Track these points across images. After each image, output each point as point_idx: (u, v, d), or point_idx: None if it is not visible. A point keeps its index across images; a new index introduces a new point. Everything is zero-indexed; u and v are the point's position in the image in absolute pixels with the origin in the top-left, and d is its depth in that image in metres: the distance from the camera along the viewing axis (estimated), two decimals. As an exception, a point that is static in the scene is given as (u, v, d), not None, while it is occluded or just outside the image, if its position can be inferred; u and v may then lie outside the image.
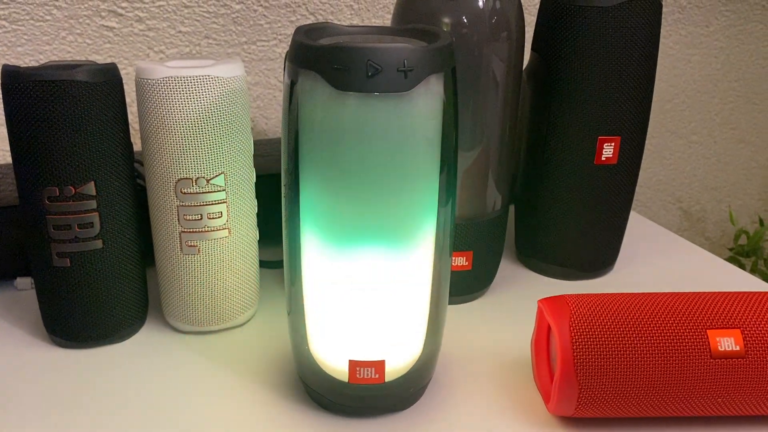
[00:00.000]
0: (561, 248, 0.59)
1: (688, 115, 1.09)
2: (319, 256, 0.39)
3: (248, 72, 0.78)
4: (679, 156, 1.11)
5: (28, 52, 0.69)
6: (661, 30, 0.69)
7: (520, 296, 0.57)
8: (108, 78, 0.44)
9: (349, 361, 0.40)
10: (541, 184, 0.58)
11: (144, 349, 0.49)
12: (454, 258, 0.53)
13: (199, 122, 0.45)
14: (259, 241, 0.52)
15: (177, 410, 0.43)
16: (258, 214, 0.51)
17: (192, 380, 0.45)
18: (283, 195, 0.40)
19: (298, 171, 0.38)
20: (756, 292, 0.42)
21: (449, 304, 0.55)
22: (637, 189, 1.10)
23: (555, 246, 0.59)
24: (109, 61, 0.69)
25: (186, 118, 0.44)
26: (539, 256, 0.60)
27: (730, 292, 0.42)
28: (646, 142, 1.08)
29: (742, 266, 1.07)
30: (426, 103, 0.36)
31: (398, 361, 0.41)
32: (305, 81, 0.36)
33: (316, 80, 0.35)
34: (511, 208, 0.66)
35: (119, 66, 0.71)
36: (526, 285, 0.59)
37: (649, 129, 1.06)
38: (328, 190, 0.37)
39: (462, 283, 0.55)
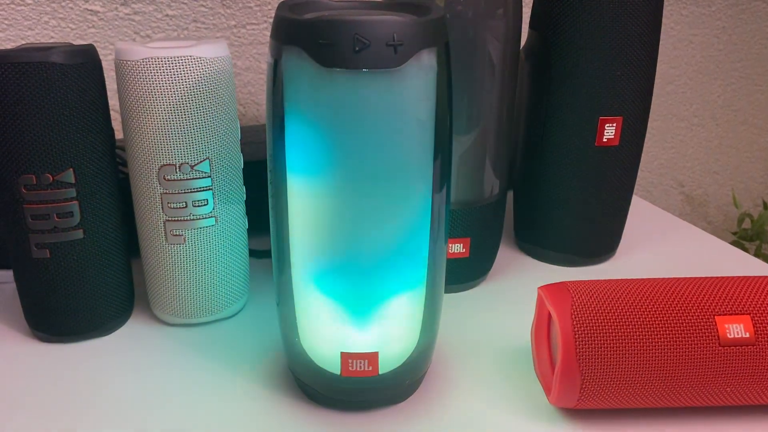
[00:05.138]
0: (561, 234, 0.57)
1: (689, 97, 1.06)
2: (308, 245, 0.37)
3: (238, 56, 0.76)
4: (680, 139, 1.09)
5: (10, 38, 0.67)
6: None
7: (520, 284, 0.55)
8: (85, 60, 0.42)
9: (341, 353, 0.38)
10: (540, 167, 0.56)
11: (130, 343, 0.47)
12: (451, 245, 0.52)
13: (182, 105, 0.43)
14: (248, 230, 0.50)
15: (164, 404, 0.41)
16: (247, 202, 0.49)
17: (180, 374, 0.44)
18: (269, 181, 0.38)
19: (285, 155, 0.36)
20: (765, 276, 0.40)
21: (447, 292, 0.53)
22: (639, 173, 1.08)
23: (555, 231, 0.57)
24: (93, 46, 0.67)
25: (167, 100, 0.42)
26: (539, 243, 0.59)
27: (738, 277, 0.40)
28: (648, 125, 1.06)
29: (745, 251, 1.05)
30: (418, 80, 0.34)
31: (392, 353, 0.39)
32: (289, 58, 0.34)
33: (301, 57, 0.33)
34: (510, 193, 0.65)
35: (104, 52, 0.69)
36: (526, 272, 0.57)
37: (651, 112, 1.04)
38: (316, 174, 0.35)
39: (460, 271, 0.53)
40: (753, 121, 1.13)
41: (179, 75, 0.42)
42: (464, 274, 0.53)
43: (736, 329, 0.37)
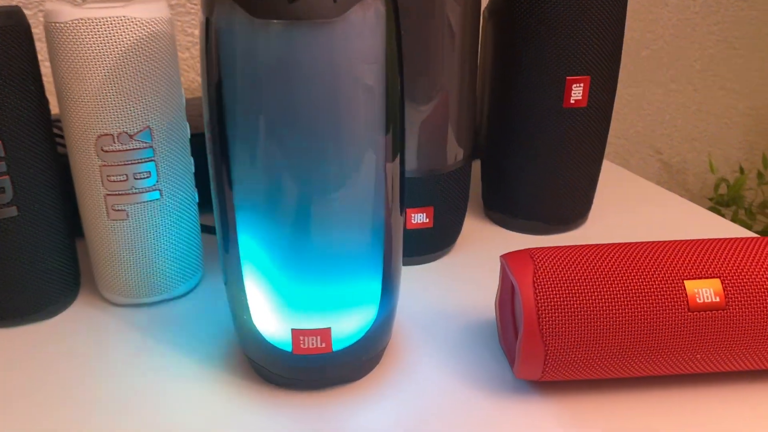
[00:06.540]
0: (530, 201, 0.55)
1: (666, 62, 1.04)
2: (253, 218, 0.35)
3: (195, 25, 0.73)
4: (657, 106, 1.07)
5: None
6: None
7: (488, 254, 0.53)
8: (10, 23, 0.39)
9: (292, 330, 0.36)
10: (507, 131, 0.53)
11: (75, 326, 0.44)
12: (413, 215, 0.49)
13: (116, 70, 0.40)
14: (200, 204, 0.47)
15: (111, 389, 0.39)
16: (198, 175, 0.46)
17: (127, 357, 0.41)
18: (208, 151, 0.35)
19: (224, 122, 0.33)
20: (736, 238, 0.39)
21: (411, 264, 0.51)
22: (616, 141, 1.06)
23: (523, 198, 0.55)
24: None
25: (101, 65, 0.39)
26: (507, 211, 0.56)
27: (707, 239, 0.38)
28: (624, 91, 1.04)
29: (722, 216, 1.04)
30: (362, 32, 0.31)
31: (346, 329, 0.37)
32: (221, 13, 0.31)
33: (233, 10, 0.30)
34: (479, 162, 0.62)
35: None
36: (494, 241, 0.55)
37: (627, 78, 1.02)
38: (258, 142, 0.33)
39: (424, 242, 0.51)
40: (731, 86, 1.11)
41: (112, 37, 0.39)
42: (429, 244, 0.51)
43: (706, 293, 0.35)
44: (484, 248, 0.54)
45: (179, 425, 0.36)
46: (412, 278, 0.50)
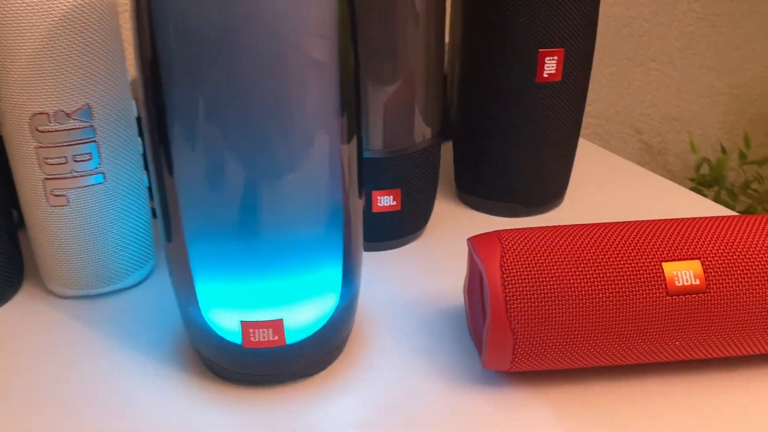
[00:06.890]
0: (503, 181, 0.52)
1: (646, 40, 1.02)
2: (199, 204, 0.32)
3: None
4: (637, 85, 1.05)
5: None
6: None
7: (459, 238, 0.51)
8: (-72, -9, 0.35)
9: (242, 322, 0.33)
10: (478, 109, 0.51)
11: (18, 320, 0.42)
12: (380, 198, 0.47)
13: (50, 41, 0.36)
14: (150, 189, 0.44)
15: (57, 386, 0.36)
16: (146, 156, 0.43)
17: (74, 352, 0.39)
18: (144, 132, 0.32)
19: (162, 101, 0.30)
20: (717, 217, 0.36)
21: (379, 249, 0.49)
22: (595, 122, 1.04)
23: (496, 179, 0.52)
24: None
25: (32, 36, 0.36)
26: (480, 192, 0.54)
27: (687, 219, 0.36)
28: (605, 70, 1.01)
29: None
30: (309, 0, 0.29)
31: (301, 320, 0.34)
32: (152, -26, 0.28)
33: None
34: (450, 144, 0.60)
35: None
36: (466, 225, 0.53)
37: (606, 56, 1.00)
38: (199, 120, 0.30)
39: (392, 226, 0.48)
40: (711, 64, 1.09)
41: (44, 5, 0.36)
42: (397, 228, 0.49)
43: (685, 276, 0.33)
44: (455, 232, 0.52)
45: (127, 423, 0.34)
46: (379, 264, 0.47)
